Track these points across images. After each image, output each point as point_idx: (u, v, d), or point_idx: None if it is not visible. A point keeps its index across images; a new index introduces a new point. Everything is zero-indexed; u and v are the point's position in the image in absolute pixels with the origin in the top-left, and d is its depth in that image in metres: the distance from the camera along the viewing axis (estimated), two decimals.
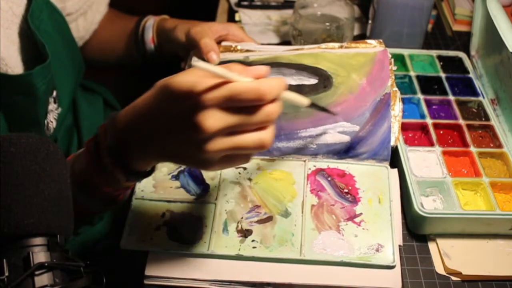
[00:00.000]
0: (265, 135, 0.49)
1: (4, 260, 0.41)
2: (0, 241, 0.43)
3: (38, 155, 0.46)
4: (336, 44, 0.82)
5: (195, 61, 0.46)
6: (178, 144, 0.50)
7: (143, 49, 0.93)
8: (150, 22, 0.92)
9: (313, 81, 0.77)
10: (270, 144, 0.49)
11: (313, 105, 0.62)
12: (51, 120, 0.76)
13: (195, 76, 0.48)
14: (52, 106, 0.75)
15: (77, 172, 0.59)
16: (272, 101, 0.48)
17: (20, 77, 0.66)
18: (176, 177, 0.70)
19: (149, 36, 0.92)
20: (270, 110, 0.48)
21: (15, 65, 0.68)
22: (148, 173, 0.57)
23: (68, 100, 0.81)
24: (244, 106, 0.47)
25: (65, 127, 0.88)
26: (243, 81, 0.47)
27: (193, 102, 0.47)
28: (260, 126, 0.48)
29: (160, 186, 0.69)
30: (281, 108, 0.49)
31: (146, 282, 0.60)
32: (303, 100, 0.58)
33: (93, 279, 0.45)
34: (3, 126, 0.68)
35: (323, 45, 0.82)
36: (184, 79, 0.48)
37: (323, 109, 0.68)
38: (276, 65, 0.79)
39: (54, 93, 0.74)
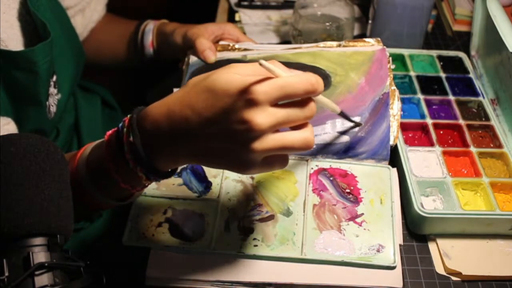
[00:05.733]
0: (309, 134, 0.48)
1: (4, 260, 0.41)
2: (0, 241, 0.43)
3: (38, 155, 0.46)
4: (334, 43, 0.82)
5: (262, 61, 0.45)
6: (223, 144, 0.47)
7: (142, 53, 0.93)
8: (150, 27, 0.92)
9: None
10: (313, 143, 0.48)
11: (341, 113, 0.63)
12: (52, 104, 0.76)
13: (236, 72, 0.47)
14: (52, 90, 0.74)
15: (94, 164, 0.57)
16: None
17: (23, 53, 0.66)
18: (179, 174, 0.69)
19: (149, 40, 0.92)
20: (314, 106, 0.48)
21: (15, 47, 0.67)
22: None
23: (68, 88, 0.81)
24: (291, 103, 0.47)
25: (66, 127, 0.88)
26: (290, 75, 0.46)
27: (244, 98, 0.45)
28: (303, 124, 0.48)
29: (163, 183, 0.68)
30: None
31: (147, 283, 0.60)
32: (335, 107, 0.58)
33: (93, 279, 0.45)
34: (6, 103, 0.68)
35: (321, 44, 0.82)
36: (232, 76, 0.46)
37: (350, 120, 0.70)
38: None
39: (54, 78, 0.74)
